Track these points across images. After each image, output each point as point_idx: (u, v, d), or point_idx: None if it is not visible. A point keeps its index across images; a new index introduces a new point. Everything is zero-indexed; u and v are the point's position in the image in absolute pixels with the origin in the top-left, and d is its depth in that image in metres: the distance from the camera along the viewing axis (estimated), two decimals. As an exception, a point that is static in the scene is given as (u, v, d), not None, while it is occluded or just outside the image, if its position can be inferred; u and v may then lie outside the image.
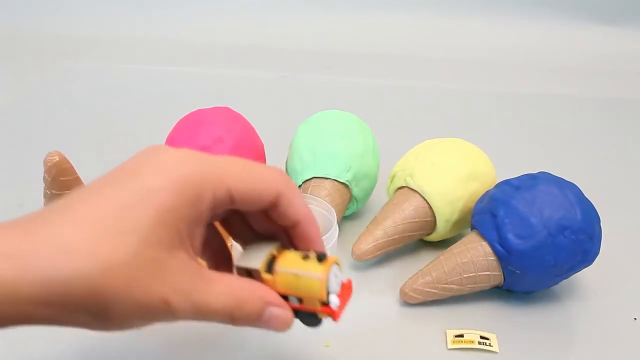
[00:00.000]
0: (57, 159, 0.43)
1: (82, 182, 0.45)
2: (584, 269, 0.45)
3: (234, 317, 0.27)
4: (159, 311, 0.25)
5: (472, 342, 0.41)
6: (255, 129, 0.56)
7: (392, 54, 1.12)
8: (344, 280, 0.30)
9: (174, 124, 0.55)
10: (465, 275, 0.44)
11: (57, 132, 0.75)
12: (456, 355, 0.41)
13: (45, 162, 0.43)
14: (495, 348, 0.41)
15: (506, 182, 0.47)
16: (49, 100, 0.86)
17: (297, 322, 0.30)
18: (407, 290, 0.45)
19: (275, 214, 0.29)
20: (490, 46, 1.14)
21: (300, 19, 1.18)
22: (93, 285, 0.23)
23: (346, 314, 0.43)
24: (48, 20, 1.17)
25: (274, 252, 0.30)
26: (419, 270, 0.46)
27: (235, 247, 0.34)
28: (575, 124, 0.85)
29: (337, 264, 0.30)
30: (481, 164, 0.51)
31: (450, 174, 0.49)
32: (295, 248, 0.31)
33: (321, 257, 0.29)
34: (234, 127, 0.53)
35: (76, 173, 0.44)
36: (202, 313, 0.26)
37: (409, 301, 0.45)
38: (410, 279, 0.45)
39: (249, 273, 0.29)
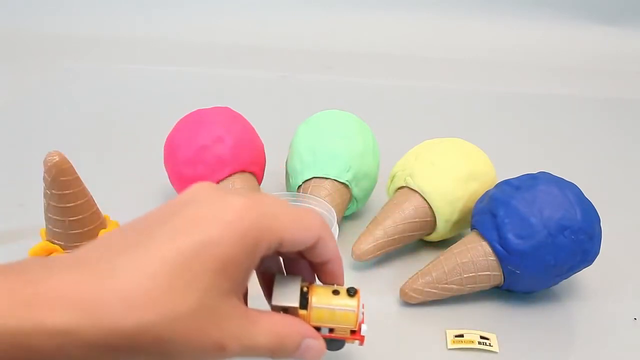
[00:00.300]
0: (57, 159, 0.43)
1: (82, 182, 0.45)
2: (584, 269, 0.45)
3: (275, 352, 0.29)
4: (214, 354, 0.27)
5: (472, 342, 0.41)
6: (255, 129, 0.56)
7: (392, 54, 1.12)
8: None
9: (174, 124, 0.55)
10: (465, 275, 0.44)
11: (57, 132, 0.75)
12: (456, 355, 0.41)
13: (45, 162, 0.43)
14: (495, 348, 0.41)
15: (506, 182, 0.47)
16: (49, 100, 0.86)
17: None
18: (407, 290, 0.45)
19: (310, 253, 0.31)
20: (490, 46, 1.14)
21: (300, 19, 1.18)
22: (157, 334, 0.24)
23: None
24: (48, 20, 1.17)
25: (304, 287, 0.32)
26: (419, 270, 0.46)
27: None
28: (575, 124, 0.85)
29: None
30: (481, 164, 0.51)
31: (450, 174, 0.49)
32: (320, 280, 0.34)
33: (351, 292, 0.33)
34: (234, 127, 0.53)
35: (76, 173, 0.44)
36: (249, 352, 0.28)
37: (409, 301, 0.45)
38: (410, 279, 0.45)
39: (284, 309, 0.32)
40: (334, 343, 0.34)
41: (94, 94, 0.90)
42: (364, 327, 0.33)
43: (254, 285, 0.39)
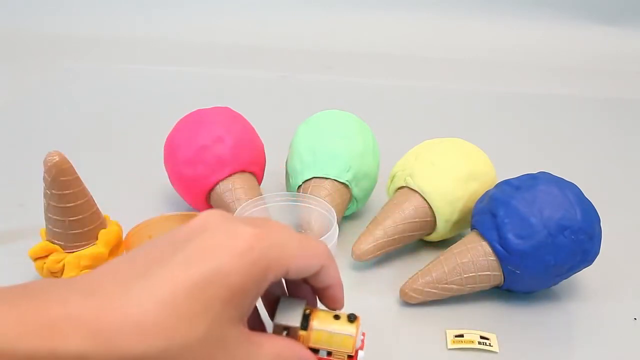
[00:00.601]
0: (57, 159, 0.43)
1: (82, 182, 0.45)
2: (584, 269, 0.45)
3: None
4: None
5: (472, 342, 0.41)
6: (255, 129, 0.56)
7: (392, 54, 1.12)
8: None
9: (174, 124, 0.55)
10: (465, 275, 0.44)
11: (57, 132, 0.75)
12: (456, 355, 0.41)
13: (45, 162, 0.43)
14: (495, 348, 0.41)
15: (506, 182, 0.47)
16: (49, 100, 0.86)
17: None
18: (407, 290, 0.45)
19: (313, 279, 0.32)
20: (490, 46, 1.14)
21: (300, 19, 1.18)
22: (167, 354, 0.25)
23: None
24: (48, 20, 1.17)
25: (307, 310, 0.34)
26: (419, 270, 0.46)
27: None
28: (575, 124, 0.85)
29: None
30: (481, 164, 0.51)
31: (450, 174, 0.49)
32: (321, 303, 0.35)
33: (351, 318, 0.34)
34: (234, 127, 0.53)
35: (76, 173, 0.44)
36: None
37: (409, 301, 0.45)
38: (410, 279, 0.45)
39: (285, 329, 0.33)
40: None
41: (94, 94, 0.90)
42: (361, 353, 0.34)
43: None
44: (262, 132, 0.57)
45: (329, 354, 0.34)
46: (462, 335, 0.42)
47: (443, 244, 0.51)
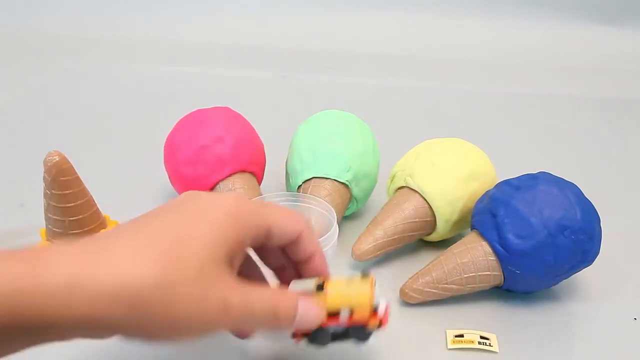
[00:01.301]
0: (57, 159, 0.43)
1: (82, 182, 0.45)
2: (584, 269, 0.45)
3: (276, 315, 0.30)
4: (218, 315, 0.28)
5: (472, 342, 0.41)
6: (255, 129, 0.56)
7: (392, 54, 1.12)
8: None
9: (174, 124, 0.55)
10: (465, 275, 0.44)
11: (57, 132, 0.75)
12: (456, 355, 0.41)
13: (45, 162, 0.43)
14: (495, 348, 0.41)
15: (506, 182, 0.47)
16: (49, 100, 0.86)
17: None
18: (407, 290, 0.45)
19: (294, 249, 0.34)
20: (490, 46, 1.14)
21: (300, 19, 1.18)
22: (161, 291, 0.26)
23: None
24: (48, 20, 1.17)
25: (320, 280, 0.34)
26: (419, 270, 0.46)
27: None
28: (575, 124, 0.85)
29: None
30: (481, 164, 0.51)
31: (450, 174, 0.49)
32: (305, 277, 0.35)
33: (364, 274, 0.35)
34: (234, 127, 0.53)
35: (76, 173, 0.44)
36: (250, 315, 0.29)
37: (409, 301, 0.45)
38: (410, 279, 0.45)
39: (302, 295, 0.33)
40: (358, 333, 0.35)
41: (94, 94, 0.90)
42: (381, 305, 0.34)
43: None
44: (262, 132, 0.57)
45: (350, 315, 0.34)
46: (462, 335, 0.42)
47: (443, 244, 0.51)
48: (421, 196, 0.49)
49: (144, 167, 0.63)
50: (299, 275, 0.36)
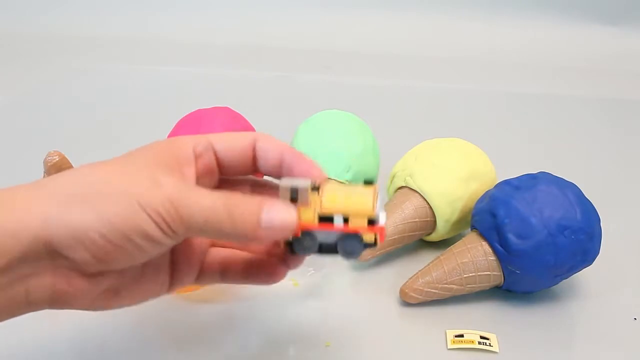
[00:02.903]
0: (57, 159, 0.43)
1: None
2: (584, 269, 0.45)
3: (231, 212, 0.26)
4: (146, 188, 0.26)
5: (472, 342, 0.41)
6: (255, 129, 0.56)
7: (392, 54, 1.12)
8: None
9: (174, 124, 0.55)
10: (465, 275, 0.44)
11: (57, 132, 0.75)
12: (456, 355, 0.41)
13: (45, 162, 0.43)
14: (495, 348, 0.41)
15: (506, 182, 0.47)
16: (49, 100, 0.86)
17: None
18: (407, 290, 0.45)
19: (259, 161, 0.30)
20: (490, 46, 1.14)
21: (300, 19, 1.18)
22: (93, 193, 0.26)
23: (346, 314, 0.43)
24: (48, 20, 1.17)
25: (315, 181, 0.30)
26: (419, 270, 0.46)
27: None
28: (575, 124, 0.85)
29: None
30: (481, 164, 0.51)
31: (450, 174, 0.49)
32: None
33: (368, 182, 0.30)
34: (234, 127, 0.53)
35: (76, 173, 0.44)
36: (193, 205, 0.26)
37: (409, 301, 0.45)
38: (410, 279, 0.45)
39: (293, 191, 0.28)
40: (350, 242, 0.30)
41: (94, 93, 0.90)
42: (382, 215, 0.29)
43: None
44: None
45: (345, 221, 0.29)
46: (462, 335, 0.42)
47: (443, 244, 0.51)
48: (421, 196, 0.49)
49: (144, 167, 0.62)
50: None
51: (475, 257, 0.44)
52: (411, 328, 0.43)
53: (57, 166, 0.43)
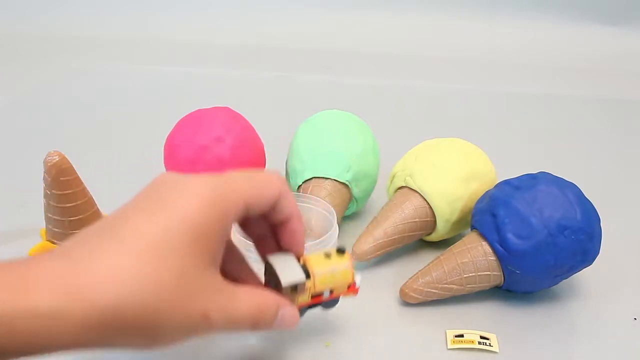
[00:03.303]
0: (57, 159, 0.43)
1: (82, 182, 0.45)
2: (584, 269, 0.45)
3: (256, 323, 0.31)
4: (200, 325, 0.28)
5: (472, 342, 0.41)
6: (255, 129, 0.56)
7: (392, 54, 1.12)
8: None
9: (174, 124, 0.55)
10: (465, 275, 0.44)
11: (57, 132, 0.75)
12: (456, 355, 0.41)
13: (45, 162, 0.43)
14: (495, 348, 0.41)
15: (506, 182, 0.47)
16: (50, 100, 0.86)
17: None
18: (407, 290, 0.45)
19: (271, 212, 0.33)
20: (490, 46, 1.14)
21: (300, 19, 1.18)
22: (142, 307, 0.25)
23: (346, 314, 0.43)
24: (48, 20, 1.17)
25: (299, 260, 0.35)
26: (419, 270, 0.46)
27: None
28: (575, 124, 0.85)
29: None
30: (481, 164, 0.51)
31: (450, 174, 0.49)
32: (282, 242, 0.35)
33: (341, 251, 0.37)
34: (234, 127, 0.53)
35: (76, 173, 0.44)
36: (232, 324, 0.29)
37: (409, 301, 0.45)
38: (410, 279, 0.45)
39: (294, 285, 0.34)
40: (330, 303, 0.37)
41: (94, 93, 0.90)
42: (357, 278, 0.37)
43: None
44: (262, 132, 0.57)
45: (331, 291, 0.36)
46: (462, 335, 0.42)
47: (443, 244, 0.51)
48: (421, 196, 0.49)
49: (144, 167, 0.62)
50: (277, 240, 0.35)
51: (475, 257, 0.44)
52: (411, 328, 0.43)
53: (57, 166, 0.43)
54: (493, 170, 0.52)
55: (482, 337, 0.42)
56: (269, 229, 0.35)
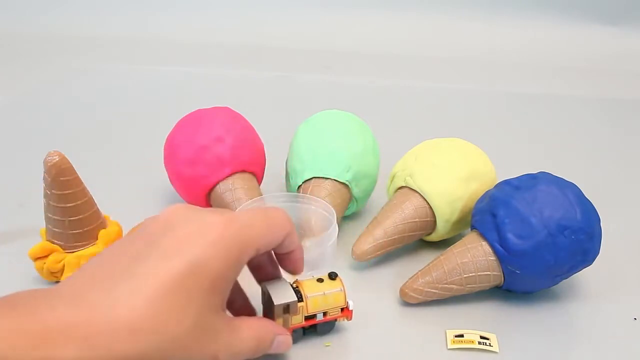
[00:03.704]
0: (57, 159, 0.43)
1: (82, 182, 0.45)
2: (584, 269, 0.45)
3: (256, 351, 0.32)
4: None
5: (472, 342, 0.41)
6: (255, 129, 0.56)
7: (392, 54, 1.12)
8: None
9: (174, 124, 0.55)
10: (465, 275, 0.44)
11: (57, 132, 0.75)
12: (456, 355, 0.41)
13: (45, 162, 0.43)
14: (495, 348, 0.41)
15: (506, 182, 0.47)
16: (50, 100, 0.86)
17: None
18: (407, 290, 0.45)
19: (278, 247, 0.34)
20: (490, 46, 1.14)
21: (300, 19, 1.18)
22: (161, 356, 0.26)
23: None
24: (48, 20, 1.17)
25: (293, 284, 0.38)
26: (419, 270, 0.46)
27: None
28: (575, 124, 0.85)
29: None
30: (481, 164, 0.51)
31: (450, 174, 0.49)
32: (283, 267, 0.38)
33: (332, 276, 0.39)
34: (234, 127, 0.53)
35: (76, 173, 0.44)
36: (236, 356, 0.31)
37: (409, 301, 0.45)
38: (410, 279, 0.45)
39: (286, 306, 0.37)
40: (326, 326, 0.40)
41: (94, 93, 0.90)
42: (350, 302, 0.39)
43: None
44: (262, 132, 0.57)
45: (324, 314, 0.39)
46: (462, 335, 0.42)
47: (443, 244, 0.51)
48: (421, 196, 0.49)
49: (144, 167, 0.63)
50: (275, 266, 0.38)
51: (475, 257, 0.44)
52: (411, 328, 0.43)
53: (57, 166, 0.43)
54: (493, 170, 0.52)
55: (482, 337, 0.42)
56: (268, 257, 0.37)
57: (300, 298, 0.38)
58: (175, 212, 0.30)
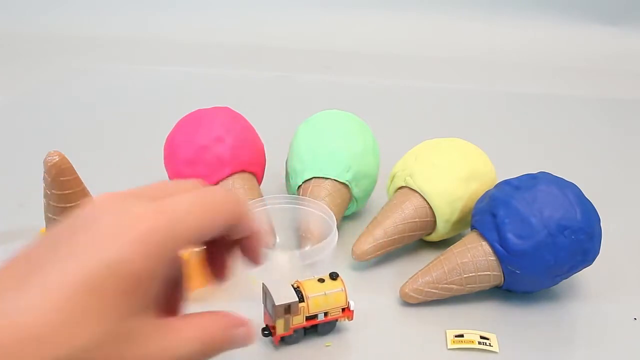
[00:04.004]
0: (57, 159, 0.43)
1: (82, 182, 0.45)
2: (584, 269, 0.45)
3: (206, 353, 0.28)
4: None
5: (472, 342, 0.41)
6: (255, 129, 0.56)
7: (392, 54, 1.12)
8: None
9: (174, 124, 0.55)
10: (465, 275, 0.44)
11: (57, 132, 0.75)
12: (456, 355, 0.41)
13: (45, 162, 0.43)
14: (495, 348, 0.41)
15: (506, 182, 0.47)
16: (50, 100, 0.86)
17: None
18: (407, 290, 0.45)
19: (230, 232, 0.30)
20: (490, 46, 1.14)
21: (300, 19, 1.18)
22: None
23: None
24: (48, 20, 1.17)
25: (293, 285, 0.38)
26: (419, 270, 0.46)
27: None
28: (575, 124, 0.85)
29: None
30: (481, 164, 0.51)
31: (450, 174, 0.49)
32: (241, 252, 0.33)
33: (333, 276, 0.39)
34: (234, 127, 0.53)
35: (76, 173, 0.44)
36: (183, 359, 0.27)
37: (409, 301, 0.45)
38: (410, 279, 0.45)
39: (287, 306, 0.37)
40: (327, 326, 0.40)
41: (94, 93, 0.90)
42: (351, 302, 0.39)
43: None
44: (262, 132, 0.57)
45: (325, 314, 0.39)
46: (462, 335, 0.42)
47: (443, 244, 0.51)
48: (421, 196, 0.49)
49: (144, 167, 0.63)
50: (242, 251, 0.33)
51: (475, 257, 0.44)
52: (411, 328, 0.43)
53: (57, 166, 0.43)
54: (493, 170, 0.52)
55: (482, 337, 0.42)
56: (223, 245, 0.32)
57: (301, 298, 0.38)
58: (102, 203, 0.27)
